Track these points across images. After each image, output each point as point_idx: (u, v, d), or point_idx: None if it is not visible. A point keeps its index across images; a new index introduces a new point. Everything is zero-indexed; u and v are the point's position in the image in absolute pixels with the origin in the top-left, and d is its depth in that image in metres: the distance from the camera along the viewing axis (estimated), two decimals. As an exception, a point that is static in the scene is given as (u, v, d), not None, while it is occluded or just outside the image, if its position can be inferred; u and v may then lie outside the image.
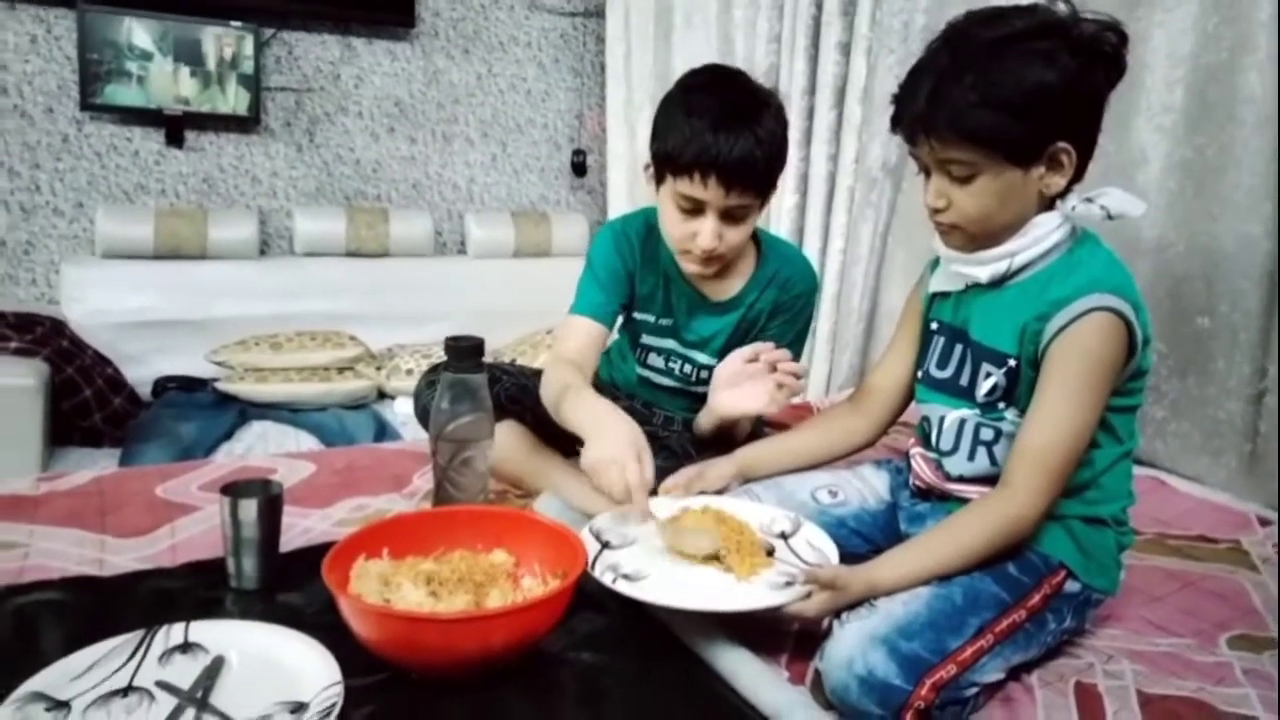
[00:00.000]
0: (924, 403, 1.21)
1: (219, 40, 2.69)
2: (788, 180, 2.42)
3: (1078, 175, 1.07)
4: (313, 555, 1.02)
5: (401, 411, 2.48)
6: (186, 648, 0.90)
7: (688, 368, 1.48)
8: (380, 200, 3.10)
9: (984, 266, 1.10)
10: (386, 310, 2.86)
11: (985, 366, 1.11)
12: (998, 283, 1.10)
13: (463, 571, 1.00)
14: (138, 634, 0.90)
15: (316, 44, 2.92)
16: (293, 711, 0.81)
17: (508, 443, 1.36)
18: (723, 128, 1.24)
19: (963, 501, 1.12)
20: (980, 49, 1.01)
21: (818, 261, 2.40)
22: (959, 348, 1.16)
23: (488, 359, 1.26)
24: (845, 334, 2.41)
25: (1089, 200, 1.07)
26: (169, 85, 2.66)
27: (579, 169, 3.37)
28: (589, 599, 1.01)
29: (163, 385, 2.52)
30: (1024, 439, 1.04)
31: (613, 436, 1.11)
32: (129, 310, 2.57)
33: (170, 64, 2.65)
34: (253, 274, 2.75)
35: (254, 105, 2.77)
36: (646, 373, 1.52)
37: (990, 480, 1.10)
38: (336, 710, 0.80)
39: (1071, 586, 1.06)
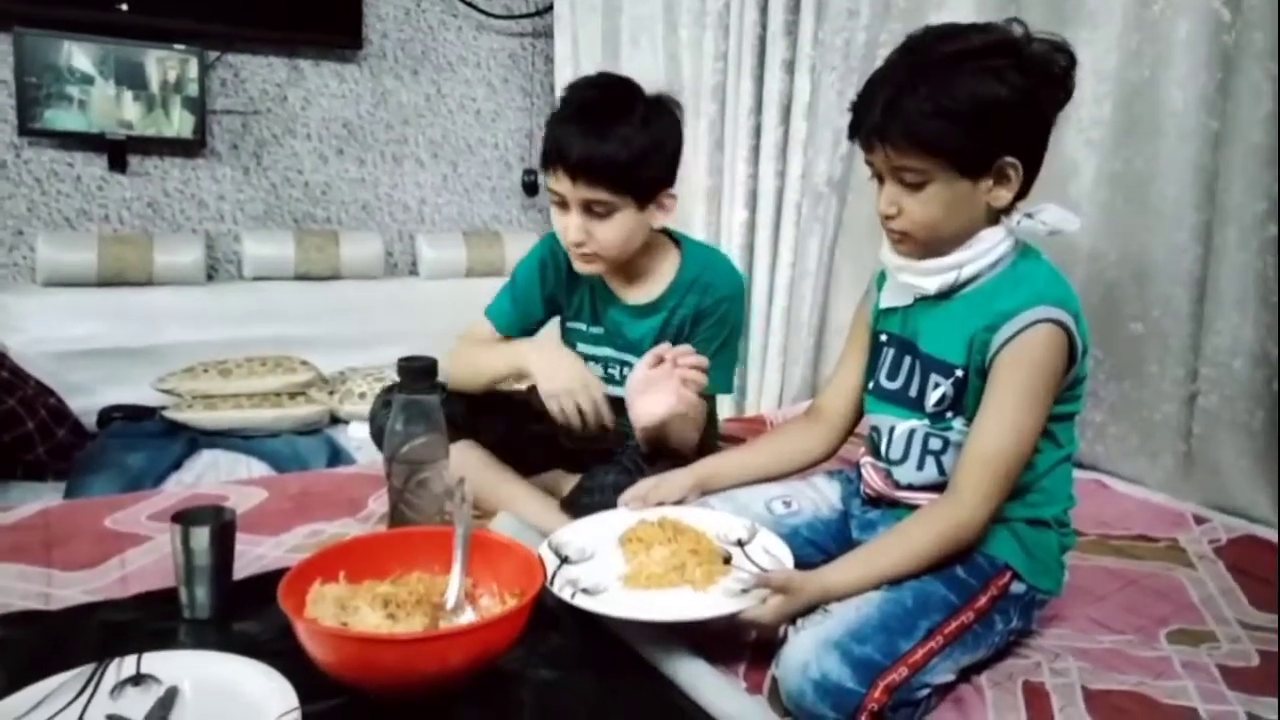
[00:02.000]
0: (874, 413, 1.24)
1: (162, 63, 2.66)
2: (737, 196, 2.45)
3: (1023, 191, 1.10)
4: (267, 582, 1.01)
5: (355, 436, 2.46)
6: (139, 680, 0.89)
7: (626, 371, 1.49)
8: (330, 222, 3.08)
9: (932, 277, 1.13)
10: (338, 333, 2.83)
11: (934, 377, 1.14)
12: (945, 294, 1.13)
13: (420, 593, 1.00)
14: (88, 668, 0.89)
15: (263, 66, 2.90)
16: (249, 740, 0.81)
17: (464, 461, 1.36)
18: (574, 122, 1.32)
19: (912, 509, 1.15)
20: (936, 62, 1.04)
21: (767, 276, 2.43)
22: (908, 359, 1.19)
23: (441, 379, 1.26)
24: (795, 347, 2.44)
25: (1029, 216, 1.11)
26: (111, 109, 2.62)
27: (530, 188, 3.37)
28: (548, 617, 1.02)
29: (108, 415, 2.47)
30: (972, 446, 1.08)
31: (564, 371, 1.33)
32: (72, 339, 2.51)
33: (112, 87, 2.61)
34: (200, 299, 2.71)
35: (199, 128, 2.74)
36: None
37: (938, 488, 1.12)
38: (294, 737, 0.80)
39: (1017, 588, 1.09)
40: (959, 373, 1.12)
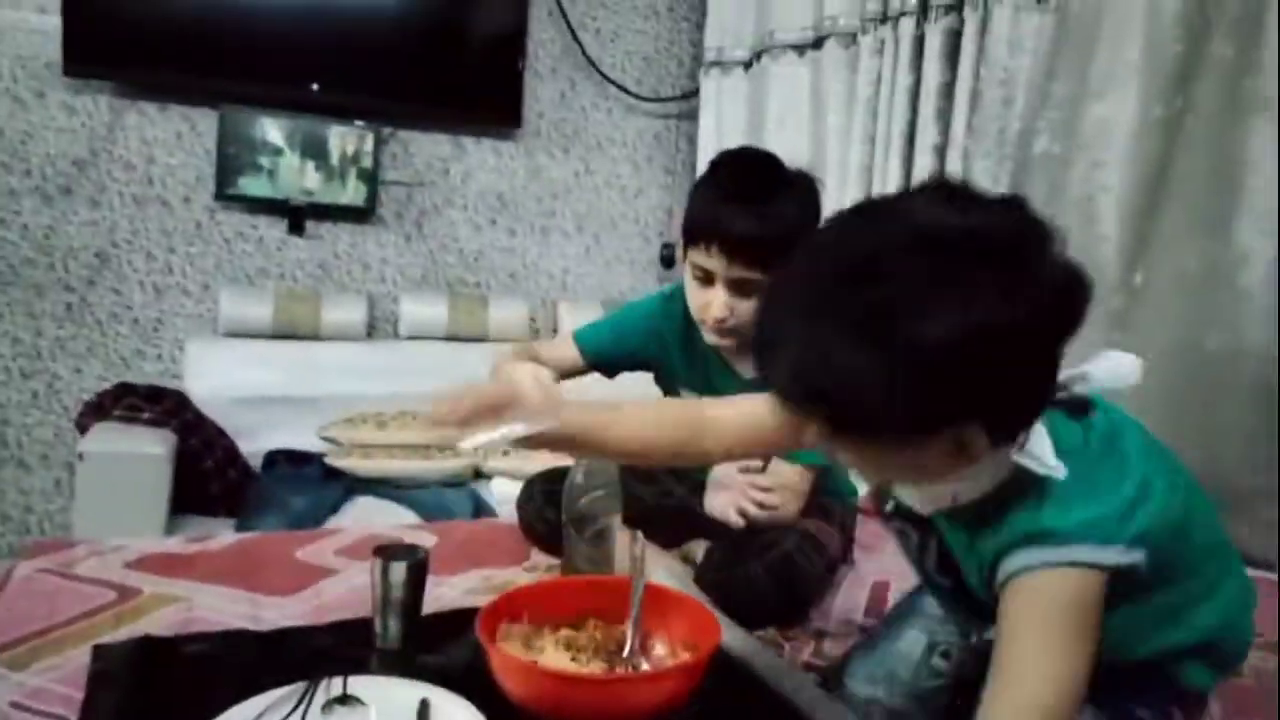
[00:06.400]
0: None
1: (343, 138, 2.90)
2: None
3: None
4: (448, 620, 1.08)
5: (499, 492, 2.54)
6: (345, 700, 0.96)
7: None
8: (480, 287, 3.25)
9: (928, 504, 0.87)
10: (483, 392, 2.94)
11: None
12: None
13: (599, 640, 1.04)
14: (301, 685, 0.96)
15: (429, 142, 3.12)
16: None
17: None
18: (732, 201, 1.31)
19: None
20: None
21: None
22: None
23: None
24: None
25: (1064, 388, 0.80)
26: (296, 178, 2.86)
27: (667, 261, 3.48)
28: (725, 676, 1.03)
29: (271, 459, 2.64)
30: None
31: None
32: (246, 385, 2.70)
33: (298, 159, 2.86)
34: (360, 354, 2.89)
35: (370, 197, 2.96)
36: None
37: None
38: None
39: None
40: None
